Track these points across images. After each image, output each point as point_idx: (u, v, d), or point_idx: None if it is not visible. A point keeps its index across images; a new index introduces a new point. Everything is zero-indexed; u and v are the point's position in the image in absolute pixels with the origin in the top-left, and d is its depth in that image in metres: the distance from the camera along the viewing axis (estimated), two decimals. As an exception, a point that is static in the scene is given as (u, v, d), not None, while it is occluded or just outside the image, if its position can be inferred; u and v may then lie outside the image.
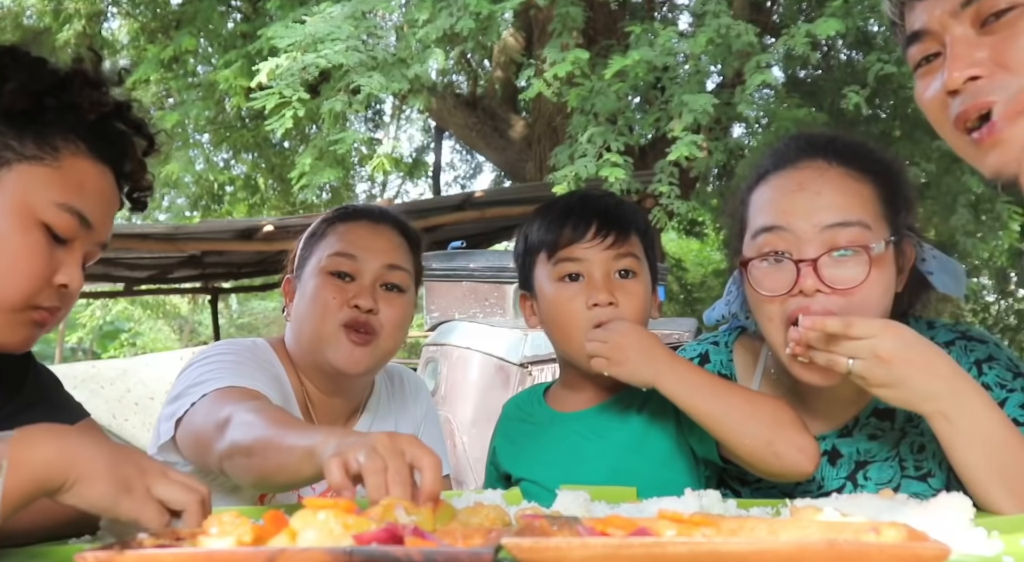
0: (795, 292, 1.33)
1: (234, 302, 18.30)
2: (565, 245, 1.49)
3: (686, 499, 1.16)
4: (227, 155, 11.60)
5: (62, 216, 1.19)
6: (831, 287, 1.32)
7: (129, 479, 1.00)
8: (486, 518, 0.99)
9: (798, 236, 1.34)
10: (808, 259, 1.32)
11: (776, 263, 1.36)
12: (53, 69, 1.24)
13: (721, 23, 6.06)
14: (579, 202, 1.55)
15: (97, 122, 1.26)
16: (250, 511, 1.12)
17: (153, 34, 9.86)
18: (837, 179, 1.38)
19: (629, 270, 1.50)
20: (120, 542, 0.85)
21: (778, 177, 1.43)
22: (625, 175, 6.31)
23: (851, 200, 1.36)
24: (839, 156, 1.41)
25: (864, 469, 1.48)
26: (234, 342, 1.75)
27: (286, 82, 6.09)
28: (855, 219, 1.34)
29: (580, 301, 1.47)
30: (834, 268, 1.32)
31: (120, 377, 7.03)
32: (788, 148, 1.46)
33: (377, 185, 14.14)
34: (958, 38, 1.13)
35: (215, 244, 8.41)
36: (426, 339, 5.54)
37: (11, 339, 1.21)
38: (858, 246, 1.32)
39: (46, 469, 0.97)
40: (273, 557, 0.77)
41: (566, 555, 0.78)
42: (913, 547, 0.77)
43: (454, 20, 6.10)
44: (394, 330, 1.70)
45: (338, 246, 1.70)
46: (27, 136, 1.19)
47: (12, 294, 1.17)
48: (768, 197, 1.41)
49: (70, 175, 1.21)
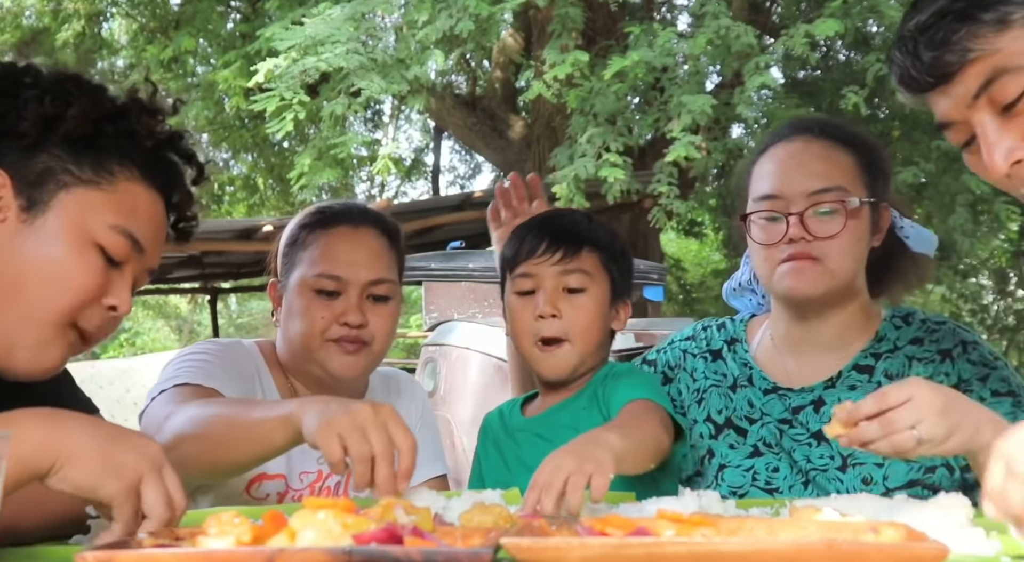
0: (785, 240, 1.57)
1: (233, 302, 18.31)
2: (521, 261, 1.62)
3: (685, 499, 1.16)
4: (227, 155, 11.60)
5: (116, 238, 1.22)
6: (813, 235, 1.56)
7: (123, 465, 0.98)
8: (500, 517, 0.99)
9: (788, 200, 1.58)
10: (796, 213, 1.57)
11: (771, 221, 1.60)
12: (112, 97, 1.28)
13: (720, 24, 6.07)
14: (540, 221, 1.68)
15: (151, 150, 1.29)
16: (249, 511, 1.12)
17: (152, 34, 9.86)
18: (820, 149, 1.62)
19: (578, 287, 1.60)
20: (120, 542, 0.86)
21: (774, 148, 1.66)
22: (624, 175, 6.31)
23: (832, 167, 1.60)
24: (823, 131, 1.65)
25: None
26: (213, 342, 1.75)
27: (286, 84, 6.09)
28: (834, 185, 1.58)
29: (530, 313, 1.60)
30: (817, 221, 1.56)
31: (120, 377, 7.04)
32: (784, 128, 1.72)
33: (376, 185, 14.15)
34: (986, 124, 1.14)
35: (215, 244, 8.41)
36: (425, 339, 5.54)
37: (45, 358, 1.21)
38: (836, 203, 1.56)
39: (34, 451, 0.96)
40: (272, 557, 0.77)
41: (565, 555, 0.78)
42: (912, 547, 0.77)
43: (453, 21, 6.10)
44: (384, 337, 1.73)
45: (321, 265, 1.69)
46: (84, 161, 1.22)
47: (58, 307, 1.19)
48: (766, 168, 1.65)
49: (124, 199, 1.24)
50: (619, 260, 1.67)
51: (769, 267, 1.61)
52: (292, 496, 1.69)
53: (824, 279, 1.56)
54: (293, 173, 7.32)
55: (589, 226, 1.67)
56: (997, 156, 1.13)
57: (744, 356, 1.76)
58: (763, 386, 1.71)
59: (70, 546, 1.10)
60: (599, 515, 1.05)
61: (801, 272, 1.56)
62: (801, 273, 1.57)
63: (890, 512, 1.07)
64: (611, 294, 1.65)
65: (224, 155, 11.53)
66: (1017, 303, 12.37)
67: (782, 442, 1.64)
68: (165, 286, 12.70)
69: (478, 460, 1.75)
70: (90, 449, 0.97)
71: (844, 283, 1.60)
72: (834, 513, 0.91)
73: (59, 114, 1.20)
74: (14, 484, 0.94)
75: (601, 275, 1.63)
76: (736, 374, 1.74)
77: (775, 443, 1.65)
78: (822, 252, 1.56)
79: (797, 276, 1.57)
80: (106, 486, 0.97)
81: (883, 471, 1.56)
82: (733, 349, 1.79)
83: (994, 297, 12.80)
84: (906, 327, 1.68)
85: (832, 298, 1.61)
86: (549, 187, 6.64)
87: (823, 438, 1.60)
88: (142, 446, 1.02)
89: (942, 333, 1.65)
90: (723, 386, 1.74)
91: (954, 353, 1.61)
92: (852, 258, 1.60)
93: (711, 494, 1.19)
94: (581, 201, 6.40)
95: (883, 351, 1.66)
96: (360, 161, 11.15)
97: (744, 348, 1.78)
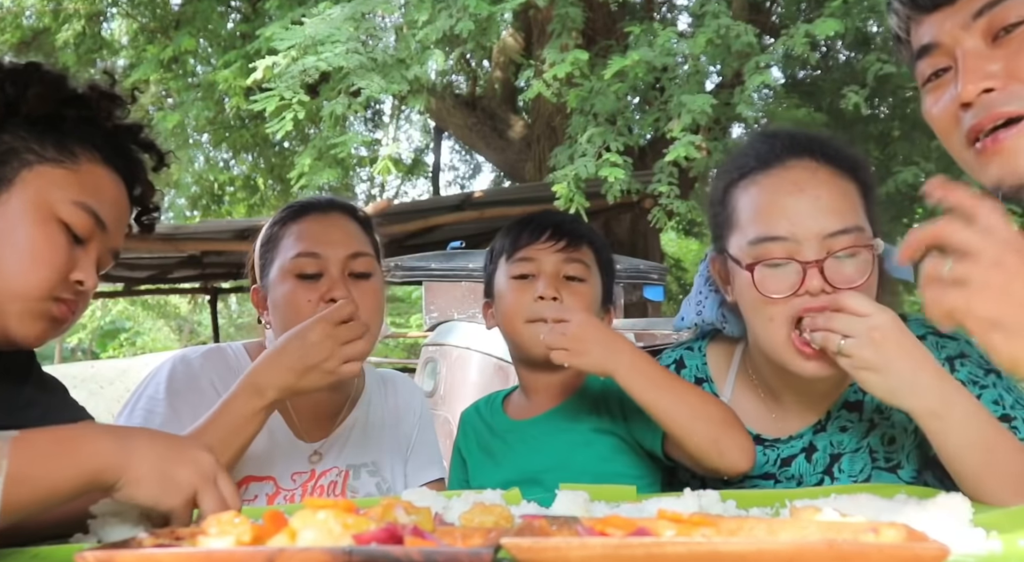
0: (801, 292, 1.35)
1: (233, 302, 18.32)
2: (522, 246, 1.63)
3: (686, 499, 1.16)
4: (227, 155, 11.60)
5: (79, 214, 1.26)
6: (835, 286, 1.33)
7: (179, 482, 1.06)
8: (500, 517, 0.99)
9: (800, 244, 1.35)
10: (813, 261, 1.34)
11: (777, 267, 1.37)
12: (73, 84, 1.32)
13: (720, 23, 6.07)
14: (541, 214, 1.68)
15: (112, 136, 1.34)
16: (250, 511, 1.12)
17: (153, 34, 9.86)
18: (829, 180, 1.39)
19: (577, 276, 1.61)
20: (120, 542, 0.85)
21: (767, 177, 1.42)
22: (624, 175, 6.32)
23: (845, 203, 1.38)
24: (825, 156, 1.42)
25: (838, 462, 1.51)
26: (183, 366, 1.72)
27: (286, 84, 6.10)
28: (852, 225, 1.36)
29: (528, 295, 1.59)
30: (836, 268, 1.35)
31: (120, 377, 7.05)
32: (768, 146, 1.46)
33: (376, 185, 14.15)
34: (970, 51, 1.13)
35: (215, 244, 8.42)
36: (425, 339, 5.54)
37: (28, 331, 1.25)
38: (859, 247, 1.36)
39: (105, 466, 1.02)
40: (272, 557, 0.77)
41: (565, 555, 0.78)
42: (912, 547, 0.77)
43: (453, 21, 6.11)
44: (372, 317, 1.71)
45: (298, 247, 1.70)
46: (47, 141, 1.26)
47: (34, 283, 1.23)
48: (763, 200, 1.41)
49: (87, 179, 1.28)
50: (609, 267, 1.69)
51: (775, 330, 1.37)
52: (284, 496, 1.69)
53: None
54: (293, 173, 7.33)
55: (588, 227, 1.70)
56: (971, 80, 1.12)
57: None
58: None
59: (70, 546, 1.10)
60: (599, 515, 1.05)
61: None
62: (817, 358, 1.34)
63: (891, 512, 1.07)
64: (601, 295, 1.66)
65: (224, 155, 11.54)
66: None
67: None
68: (165, 286, 12.72)
69: (460, 459, 1.74)
70: (150, 469, 1.05)
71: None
72: (834, 513, 0.91)
73: (20, 95, 1.25)
74: (76, 492, 1.02)
75: (596, 273, 1.64)
76: None
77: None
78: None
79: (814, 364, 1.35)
80: (164, 502, 1.05)
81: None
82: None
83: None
84: None
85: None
86: (549, 187, 6.65)
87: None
88: (197, 460, 1.09)
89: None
90: None
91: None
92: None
93: (711, 494, 1.19)
94: (581, 201, 6.41)
95: None
96: (360, 161, 11.15)
97: (714, 391, 1.60)
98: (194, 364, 1.72)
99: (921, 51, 1.19)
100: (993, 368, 1.44)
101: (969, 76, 1.12)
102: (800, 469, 1.51)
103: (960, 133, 1.17)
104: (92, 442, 1.03)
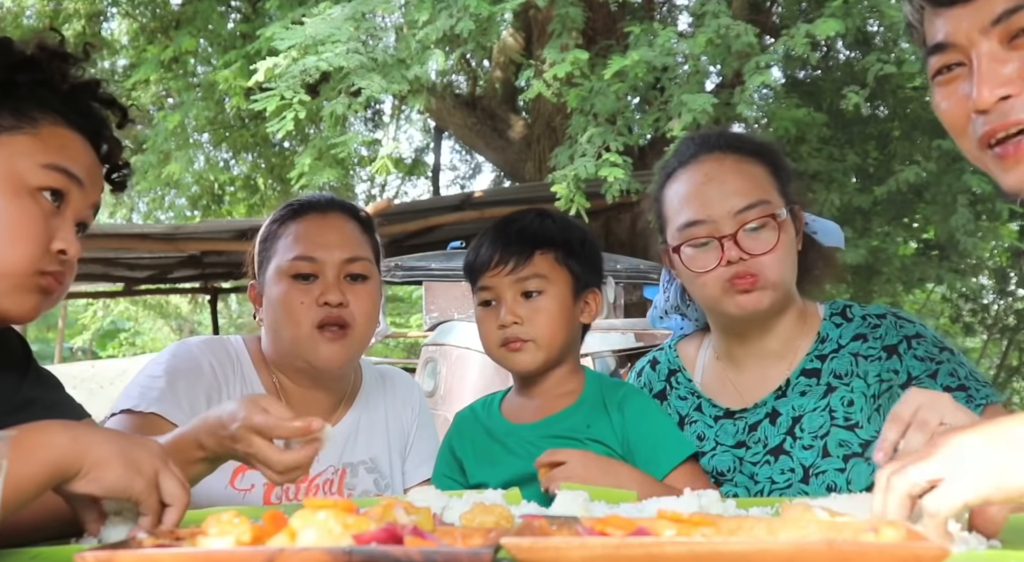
0: (723, 263, 1.57)
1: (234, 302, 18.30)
2: (478, 275, 1.67)
3: (686, 499, 1.17)
4: (227, 155, 11.59)
5: (51, 175, 1.24)
6: (750, 254, 1.56)
7: (140, 463, 1.06)
8: (501, 517, 0.99)
9: (717, 223, 1.57)
10: (728, 234, 1.56)
11: (702, 246, 1.59)
12: (19, 47, 1.29)
13: (720, 23, 6.06)
14: (493, 230, 1.69)
15: (70, 96, 1.30)
16: (249, 511, 1.12)
17: (153, 34, 9.85)
18: (734, 165, 1.62)
19: (535, 290, 1.63)
20: (120, 542, 0.86)
21: (684, 171, 1.65)
22: (624, 175, 6.31)
23: (750, 182, 1.60)
24: (732, 147, 1.65)
25: (799, 422, 1.64)
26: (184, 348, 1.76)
27: (286, 84, 6.10)
28: (758, 199, 1.58)
29: (494, 321, 1.64)
30: (750, 239, 1.56)
31: (120, 377, 7.04)
32: (687, 147, 1.69)
33: (377, 185, 14.15)
34: (986, 54, 1.11)
35: (215, 244, 8.41)
36: (425, 339, 5.54)
37: (20, 307, 1.24)
38: (766, 217, 1.57)
39: (62, 456, 1.02)
40: (272, 557, 0.77)
41: (565, 555, 0.78)
42: (912, 547, 0.77)
43: (454, 21, 6.10)
44: (366, 320, 1.72)
45: (295, 249, 1.70)
46: (3, 109, 1.23)
47: (18, 258, 1.21)
48: (682, 192, 1.64)
49: (50, 140, 1.25)
50: (579, 253, 1.67)
51: (712, 293, 1.60)
52: (283, 486, 1.69)
53: (769, 294, 1.58)
54: (293, 173, 7.32)
55: (541, 226, 1.67)
56: (988, 87, 1.10)
57: (689, 386, 1.75)
58: (713, 413, 1.70)
59: (70, 546, 1.10)
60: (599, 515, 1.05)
61: (747, 292, 1.57)
62: (747, 293, 1.57)
63: (890, 512, 1.07)
64: (573, 288, 1.65)
65: (224, 155, 11.53)
66: (1017, 303, 12.35)
67: (741, 468, 1.64)
68: (165, 286, 12.72)
69: (453, 459, 1.73)
70: (112, 453, 1.05)
71: (786, 293, 1.62)
72: (823, 512, 0.91)
73: None
74: (42, 487, 1.01)
75: (558, 273, 1.64)
76: (684, 411, 1.73)
77: (729, 469, 1.65)
78: (761, 268, 1.56)
79: (745, 297, 1.57)
80: (134, 484, 1.05)
81: (845, 475, 1.56)
82: (674, 383, 1.78)
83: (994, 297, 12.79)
84: (847, 324, 1.68)
85: (775, 309, 1.62)
86: (549, 186, 6.64)
87: (781, 452, 1.61)
88: (148, 445, 1.10)
89: (884, 328, 1.64)
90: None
91: (900, 349, 1.61)
92: (789, 267, 1.62)
93: (711, 494, 1.19)
94: (581, 201, 6.41)
95: (827, 352, 1.66)
96: (360, 161, 11.14)
97: (687, 377, 1.77)
98: (194, 348, 1.75)
99: (934, 48, 1.18)
100: (947, 346, 1.63)
101: (986, 82, 1.11)
102: (765, 432, 1.65)
103: (973, 133, 1.16)
104: (45, 435, 1.02)
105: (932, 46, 1.18)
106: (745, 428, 1.66)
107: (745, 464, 1.64)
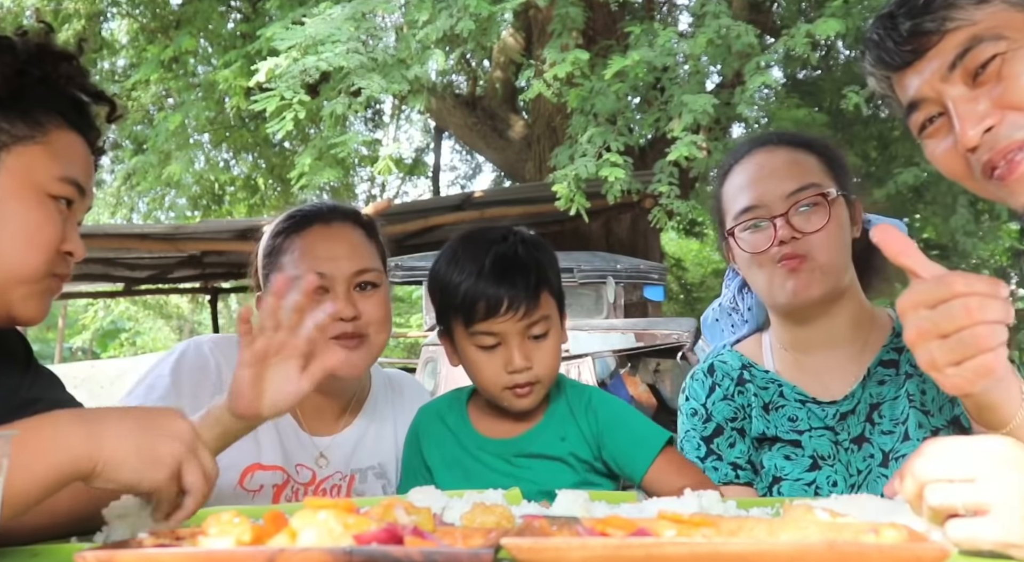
0: (776, 242, 1.61)
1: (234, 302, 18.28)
2: (480, 320, 1.56)
3: (686, 499, 1.16)
4: (227, 155, 11.60)
5: (65, 188, 1.26)
6: (801, 232, 1.60)
7: (161, 456, 1.03)
8: (501, 517, 0.99)
9: (769, 206, 1.64)
10: (780, 214, 1.62)
11: (756, 229, 1.65)
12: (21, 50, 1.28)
13: (721, 24, 6.07)
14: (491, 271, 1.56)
15: (70, 95, 1.32)
16: (250, 511, 1.12)
17: (153, 34, 9.86)
18: (785, 155, 1.70)
19: (542, 333, 1.58)
20: (120, 542, 0.86)
21: (739, 166, 1.73)
22: (625, 175, 6.32)
23: (800, 168, 1.67)
24: (783, 141, 1.73)
25: (877, 409, 1.67)
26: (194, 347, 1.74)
27: (286, 84, 6.10)
28: (808, 182, 1.64)
29: (498, 365, 1.57)
30: (801, 218, 1.62)
31: (120, 377, 7.04)
32: (741, 146, 1.79)
33: (377, 185, 14.15)
34: (957, 98, 1.17)
35: (215, 244, 8.42)
36: (425, 339, 5.54)
37: (33, 311, 1.26)
38: (817, 196, 1.62)
39: (74, 458, 0.99)
40: (273, 557, 0.77)
41: (565, 555, 0.78)
42: (913, 548, 0.77)
43: (454, 21, 6.11)
44: (381, 327, 1.71)
45: (302, 266, 1.68)
46: (15, 118, 1.24)
47: (36, 265, 1.23)
48: (737, 183, 1.71)
49: (60, 149, 1.27)
50: (558, 280, 1.65)
51: (765, 276, 1.65)
52: (292, 488, 1.69)
53: (818, 278, 1.60)
54: (293, 173, 7.32)
55: (537, 261, 1.59)
56: (969, 126, 1.16)
57: (765, 375, 1.75)
58: (798, 399, 1.71)
59: (70, 546, 1.10)
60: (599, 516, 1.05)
61: (798, 274, 1.60)
62: (798, 274, 1.60)
63: (891, 513, 1.07)
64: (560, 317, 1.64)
65: (225, 155, 11.53)
66: (1017, 303, 12.35)
67: (837, 454, 1.66)
68: (165, 286, 12.72)
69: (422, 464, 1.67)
70: (127, 447, 1.02)
71: (838, 277, 1.63)
72: (824, 513, 0.91)
73: None
74: (52, 490, 0.99)
75: (554, 308, 1.61)
76: (767, 398, 1.73)
77: (829, 455, 1.66)
78: (811, 247, 1.60)
79: (796, 279, 1.61)
80: (148, 479, 1.02)
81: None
82: (747, 376, 1.77)
83: (994, 297, 12.77)
84: None
85: (830, 295, 1.64)
86: (549, 186, 6.65)
87: (863, 440, 1.65)
88: (174, 430, 1.06)
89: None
90: (755, 408, 1.72)
91: None
92: (841, 249, 1.64)
93: (711, 494, 1.19)
94: (581, 201, 6.42)
95: (903, 345, 1.61)
96: (361, 161, 11.15)
97: (761, 369, 1.77)
98: (204, 348, 1.74)
99: (910, 107, 1.24)
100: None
101: (966, 123, 1.16)
102: (849, 422, 1.68)
103: (975, 172, 1.20)
104: (59, 433, 0.99)
105: (908, 105, 1.24)
106: (836, 414, 1.68)
107: (840, 450, 1.66)
